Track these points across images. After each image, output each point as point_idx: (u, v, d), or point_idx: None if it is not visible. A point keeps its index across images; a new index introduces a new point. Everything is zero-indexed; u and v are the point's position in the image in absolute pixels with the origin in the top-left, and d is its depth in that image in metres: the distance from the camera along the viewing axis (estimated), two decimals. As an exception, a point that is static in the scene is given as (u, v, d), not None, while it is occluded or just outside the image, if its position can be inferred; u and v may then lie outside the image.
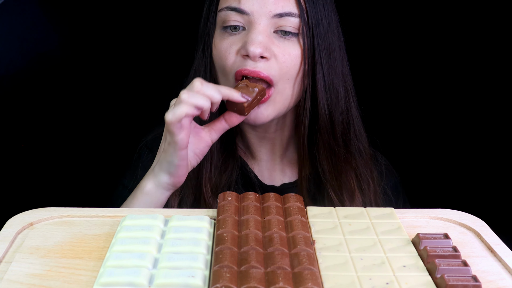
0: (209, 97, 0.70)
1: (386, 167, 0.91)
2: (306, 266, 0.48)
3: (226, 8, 0.78)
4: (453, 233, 0.59)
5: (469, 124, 1.14)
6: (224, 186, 0.84)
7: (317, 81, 0.80)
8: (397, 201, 0.89)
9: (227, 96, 0.72)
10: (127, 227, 0.55)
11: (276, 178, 0.90)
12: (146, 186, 0.74)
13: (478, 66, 1.12)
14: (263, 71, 0.76)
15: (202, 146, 0.75)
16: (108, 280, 0.47)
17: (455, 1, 1.12)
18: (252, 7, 0.77)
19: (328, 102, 0.82)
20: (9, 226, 0.57)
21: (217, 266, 0.48)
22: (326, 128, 0.82)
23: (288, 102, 0.81)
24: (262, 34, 0.76)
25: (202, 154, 0.76)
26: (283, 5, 0.77)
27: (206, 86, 0.71)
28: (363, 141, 0.86)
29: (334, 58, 0.81)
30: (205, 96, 0.70)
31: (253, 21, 0.77)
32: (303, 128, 0.83)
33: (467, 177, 1.14)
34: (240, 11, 0.77)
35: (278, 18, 0.77)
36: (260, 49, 0.75)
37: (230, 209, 0.58)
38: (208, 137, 0.76)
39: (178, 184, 0.75)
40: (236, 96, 0.73)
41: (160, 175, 0.74)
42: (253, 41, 0.75)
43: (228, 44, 0.78)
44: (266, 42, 0.76)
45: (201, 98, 0.70)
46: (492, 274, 0.52)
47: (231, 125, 0.76)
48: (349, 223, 0.58)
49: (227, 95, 0.72)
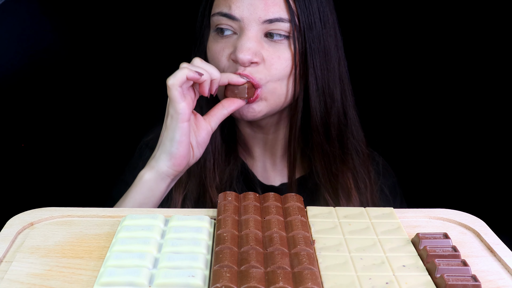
0: (208, 72, 0.73)
1: (383, 166, 0.91)
2: (306, 266, 0.48)
3: (218, 13, 0.79)
4: (452, 233, 0.59)
5: (469, 124, 1.14)
6: (224, 186, 0.84)
7: (310, 85, 0.80)
8: (395, 200, 0.90)
9: (226, 77, 0.75)
10: (127, 227, 0.55)
11: (275, 178, 0.90)
12: (145, 174, 0.74)
13: (477, 65, 1.12)
14: (250, 75, 0.77)
15: (203, 134, 0.76)
16: (108, 279, 0.47)
17: (454, 0, 1.12)
18: (242, 13, 0.77)
19: (321, 105, 0.81)
20: (9, 226, 0.58)
21: (217, 266, 0.48)
22: (318, 131, 0.82)
23: (282, 101, 0.81)
24: (251, 40, 0.76)
25: (204, 143, 0.77)
26: (273, 11, 0.77)
27: (206, 63, 0.74)
28: (360, 140, 0.86)
29: (330, 59, 0.81)
30: (204, 70, 0.73)
31: (243, 27, 0.77)
32: (295, 131, 0.83)
33: (467, 177, 1.14)
34: (231, 17, 0.78)
35: (268, 23, 0.77)
36: (249, 55, 0.76)
37: (230, 209, 0.58)
38: (207, 124, 0.76)
39: (178, 168, 0.74)
40: (235, 78, 0.75)
41: (160, 159, 0.74)
42: (242, 48, 0.76)
43: (221, 48, 0.79)
44: (255, 48, 0.77)
45: (201, 70, 0.72)
46: (491, 274, 0.52)
47: (230, 110, 0.77)
48: (349, 223, 0.58)
49: (226, 76, 0.75)
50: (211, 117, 0.77)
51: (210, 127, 0.77)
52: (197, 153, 0.76)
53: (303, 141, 0.86)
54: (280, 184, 0.89)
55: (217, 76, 0.74)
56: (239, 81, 0.75)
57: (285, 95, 0.80)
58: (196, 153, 0.76)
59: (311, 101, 0.81)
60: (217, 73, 0.74)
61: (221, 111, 0.77)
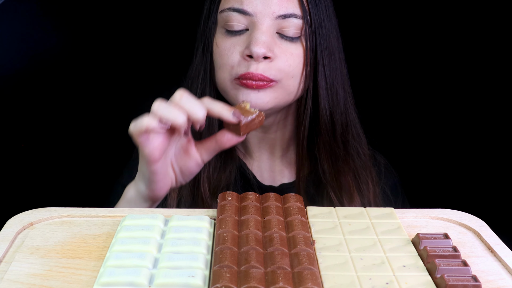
0: (187, 112, 0.63)
1: (385, 166, 0.91)
2: (306, 266, 0.48)
3: (228, 9, 0.78)
4: (453, 233, 0.59)
5: (469, 124, 1.14)
6: (223, 187, 0.83)
7: (319, 82, 0.81)
8: (396, 200, 0.90)
9: (217, 113, 0.65)
10: (127, 227, 0.55)
11: (275, 179, 0.90)
12: (128, 192, 0.70)
13: (477, 65, 1.12)
14: (264, 73, 0.76)
15: (191, 164, 0.68)
16: (108, 280, 0.47)
17: (453, 0, 1.12)
18: (255, 8, 0.76)
19: (329, 103, 0.82)
20: (9, 226, 0.57)
21: (217, 266, 0.48)
22: (327, 129, 0.82)
23: (291, 98, 0.81)
24: (265, 34, 0.76)
25: (191, 173, 0.69)
26: (286, 6, 0.77)
27: (187, 99, 0.63)
28: (361, 142, 0.86)
29: (334, 59, 0.82)
30: (181, 110, 0.63)
31: (256, 22, 0.77)
32: (303, 129, 0.83)
33: (467, 177, 1.14)
34: (243, 12, 0.77)
35: (281, 19, 0.77)
36: (263, 49, 0.75)
37: (230, 209, 0.58)
38: (198, 156, 0.68)
39: (157, 199, 0.69)
40: (226, 114, 0.65)
41: (139, 183, 0.69)
42: (256, 42, 0.75)
43: (231, 44, 0.78)
44: (269, 42, 0.76)
45: (174, 112, 0.62)
46: (492, 274, 0.52)
47: (222, 147, 0.67)
48: (349, 223, 0.58)
49: (217, 111, 0.65)
50: (204, 150, 0.68)
51: (200, 159, 0.69)
52: (181, 180, 0.70)
53: (307, 140, 0.86)
54: (280, 185, 0.89)
55: (200, 116, 0.63)
56: (230, 119, 0.65)
57: (295, 93, 0.81)
58: (179, 180, 0.70)
59: (320, 99, 0.81)
60: (200, 112, 0.63)
61: (213, 145, 0.68)
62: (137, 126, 0.63)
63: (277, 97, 0.79)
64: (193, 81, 0.84)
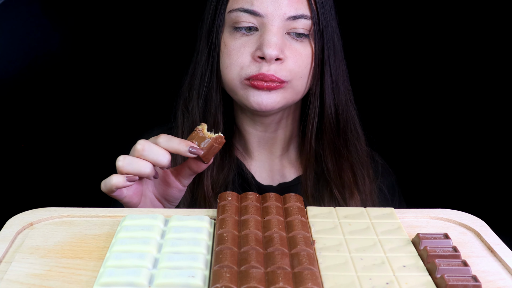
0: (152, 161, 0.65)
1: (382, 166, 0.92)
2: (306, 266, 0.48)
3: (237, 9, 0.78)
4: (453, 233, 0.59)
5: (469, 124, 1.14)
6: (221, 185, 0.84)
7: (325, 81, 0.82)
8: (393, 198, 0.90)
9: (175, 151, 0.66)
10: (127, 227, 0.55)
11: (274, 178, 0.90)
12: None
13: (477, 65, 1.12)
14: (276, 74, 0.76)
15: (173, 192, 0.71)
16: (108, 280, 0.47)
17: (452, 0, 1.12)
18: (266, 9, 0.76)
19: (334, 101, 0.83)
20: (9, 226, 0.57)
21: (217, 266, 0.48)
22: (331, 127, 0.83)
23: (298, 97, 0.82)
24: (277, 35, 0.76)
25: (175, 199, 0.72)
26: (296, 7, 0.77)
27: (149, 149, 0.65)
28: (359, 137, 0.87)
29: (338, 58, 0.83)
30: (145, 162, 0.65)
31: (266, 23, 0.77)
32: (311, 127, 0.84)
33: (467, 177, 1.14)
34: (254, 13, 0.77)
35: (291, 20, 0.77)
36: (276, 51, 0.75)
37: (230, 209, 0.58)
38: (177, 183, 0.71)
39: None
40: (183, 151, 0.66)
41: None
42: (269, 44, 0.75)
43: (241, 45, 0.78)
44: (281, 44, 0.76)
45: (139, 165, 0.65)
46: (492, 274, 0.52)
47: (195, 172, 0.70)
48: (349, 223, 0.58)
49: (175, 150, 0.66)
50: (181, 176, 0.71)
51: (181, 185, 0.71)
52: (168, 205, 0.72)
53: (302, 139, 0.87)
54: (278, 184, 0.89)
55: (165, 162, 0.65)
56: (188, 155, 0.66)
57: (302, 92, 0.82)
58: (167, 206, 0.72)
59: (325, 98, 0.82)
60: (164, 159, 0.65)
61: (190, 172, 0.70)
62: (107, 186, 0.65)
63: (286, 97, 0.79)
64: (198, 80, 0.84)
